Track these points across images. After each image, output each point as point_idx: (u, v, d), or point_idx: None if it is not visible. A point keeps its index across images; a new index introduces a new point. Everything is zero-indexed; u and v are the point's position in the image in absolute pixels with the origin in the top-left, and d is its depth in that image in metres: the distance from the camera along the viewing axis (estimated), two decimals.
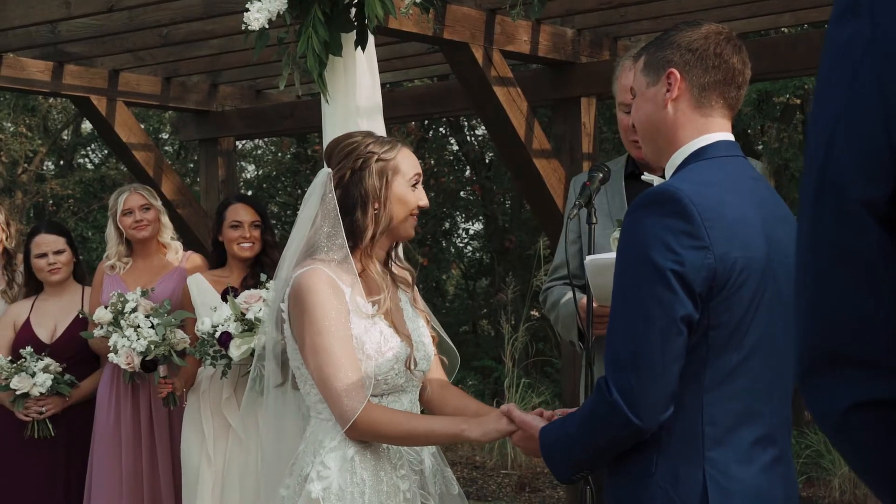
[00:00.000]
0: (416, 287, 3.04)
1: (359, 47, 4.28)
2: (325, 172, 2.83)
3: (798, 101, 10.80)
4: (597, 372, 3.31)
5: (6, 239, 5.47)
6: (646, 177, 2.79)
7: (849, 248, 1.16)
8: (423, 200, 2.89)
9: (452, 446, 9.18)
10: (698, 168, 2.32)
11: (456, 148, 13.72)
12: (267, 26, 4.35)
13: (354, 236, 2.80)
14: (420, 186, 2.88)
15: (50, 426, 5.06)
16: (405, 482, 2.81)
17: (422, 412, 2.97)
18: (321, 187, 2.82)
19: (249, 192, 13.68)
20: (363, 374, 2.72)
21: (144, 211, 5.17)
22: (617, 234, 3.32)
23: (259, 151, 15.32)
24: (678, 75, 2.35)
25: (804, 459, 8.62)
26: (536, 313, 11.19)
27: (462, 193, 13.54)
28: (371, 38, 4.31)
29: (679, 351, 2.17)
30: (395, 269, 2.98)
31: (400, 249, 3.01)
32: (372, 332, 2.76)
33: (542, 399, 10.00)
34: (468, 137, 13.57)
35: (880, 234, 1.14)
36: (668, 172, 2.40)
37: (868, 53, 1.15)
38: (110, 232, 5.24)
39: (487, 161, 13.47)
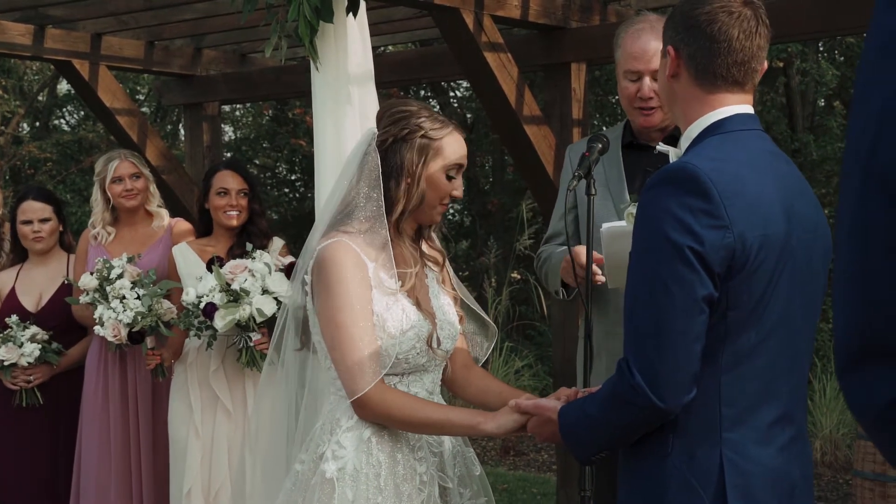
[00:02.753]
0: (446, 269, 2.97)
1: (350, 13, 4.22)
2: (371, 132, 2.78)
3: (781, 65, 10.80)
4: (595, 343, 3.30)
5: None
6: (661, 147, 2.75)
7: None
8: (458, 191, 2.81)
9: (453, 399, 9.19)
10: (715, 143, 2.27)
11: (437, 109, 13.66)
12: None
13: (387, 205, 2.74)
14: (459, 177, 2.80)
15: (38, 394, 5.05)
16: (422, 464, 2.75)
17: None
18: (364, 144, 2.77)
19: (228, 155, 13.57)
20: (379, 352, 2.66)
21: (134, 179, 5.11)
22: (632, 208, 3.29)
23: (237, 114, 15.21)
24: (673, 52, 2.33)
25: None
26: (517, 276, 11.20)
27: None
28: (363, 4, 4.25)
29: (701, 330, 2.14)
30: (425, 248, 2.93)
31: (433, 231, 2.96)
32: (394, 309, 2.70)
33: (526, 362, 10.02)
34: (450, 100, 13.51)
35: None
36: (684, 144, 2.37)
37: None
38: (96, 198, 5.17)
39: (469, 123, 13.42)
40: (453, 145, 2.77)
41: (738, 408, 2.20)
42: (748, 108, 2.34)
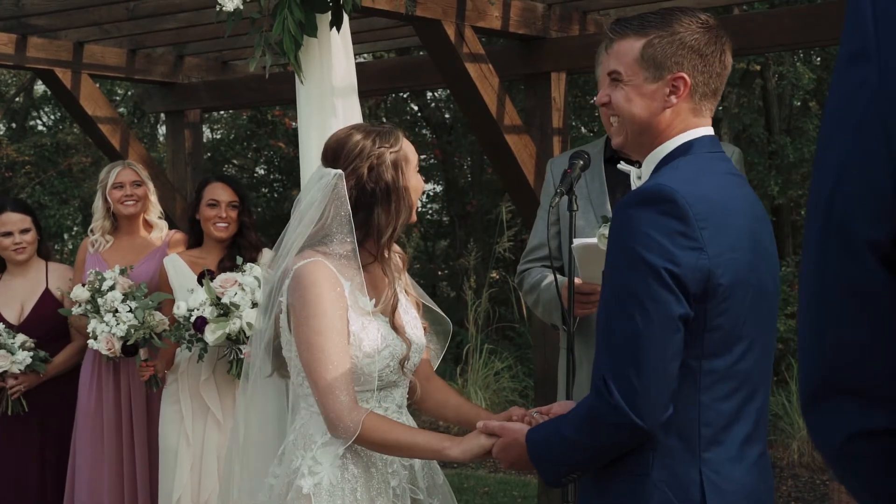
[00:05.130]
0: (405, 272, 3.03)
1: (333, 27, 4.26)
2: (334, 173, 2.81)
3: (758, 68, 10.89)
4: (578, 356, 3.36)
5: None
6: (622, 166, 2.74)
7: (853, 285, 1.21)
8: (423, 184, 2.97)
9: (416, 412, 9.19)
10: (685, 165, 2.28)
11: (416, 108, 13.70)
12: (241, 6, 4.31)
13: (374, 232, 2.81)
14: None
15: (23, 402, 5.06)
16: (395, 478, 2.82)
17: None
18: (329, 188, 2.79)
19: (207, 156, 13.56)
20: (354, 373, 2.72)
21: (135, 187, 5.19)
22: (604, 229, 3.33)
23: (214, 115, 15.19)
24: (688, 81, 2.30)
25: None
26: (496, 276, 11.24)
27: (422, 156, 13.54)
28: (346, 17, 4.29)
29: (678, 349, 2.16)
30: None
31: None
32: (369, 329, 2.77)
33: (506, 364, 10.06)
34: (428, 101, 13.55)
35: (883, 274, 1.19)
36: (648, 166, 2.37)
37: (874, 102, 1.18)
38: (98, 205, 5.25)
39: (448, 124, 13.46)
40: (410, 148, 2.90)
41: (715, 427, 2.25)
42: (711, 130, 2.38)
